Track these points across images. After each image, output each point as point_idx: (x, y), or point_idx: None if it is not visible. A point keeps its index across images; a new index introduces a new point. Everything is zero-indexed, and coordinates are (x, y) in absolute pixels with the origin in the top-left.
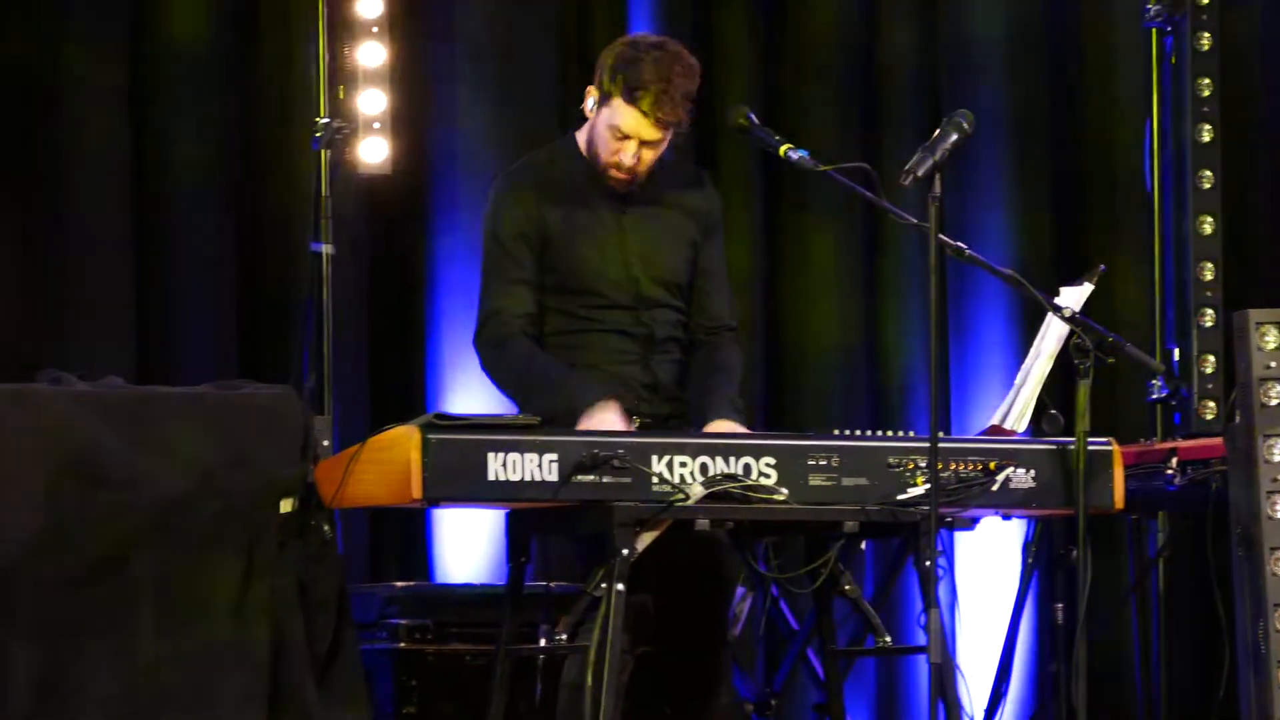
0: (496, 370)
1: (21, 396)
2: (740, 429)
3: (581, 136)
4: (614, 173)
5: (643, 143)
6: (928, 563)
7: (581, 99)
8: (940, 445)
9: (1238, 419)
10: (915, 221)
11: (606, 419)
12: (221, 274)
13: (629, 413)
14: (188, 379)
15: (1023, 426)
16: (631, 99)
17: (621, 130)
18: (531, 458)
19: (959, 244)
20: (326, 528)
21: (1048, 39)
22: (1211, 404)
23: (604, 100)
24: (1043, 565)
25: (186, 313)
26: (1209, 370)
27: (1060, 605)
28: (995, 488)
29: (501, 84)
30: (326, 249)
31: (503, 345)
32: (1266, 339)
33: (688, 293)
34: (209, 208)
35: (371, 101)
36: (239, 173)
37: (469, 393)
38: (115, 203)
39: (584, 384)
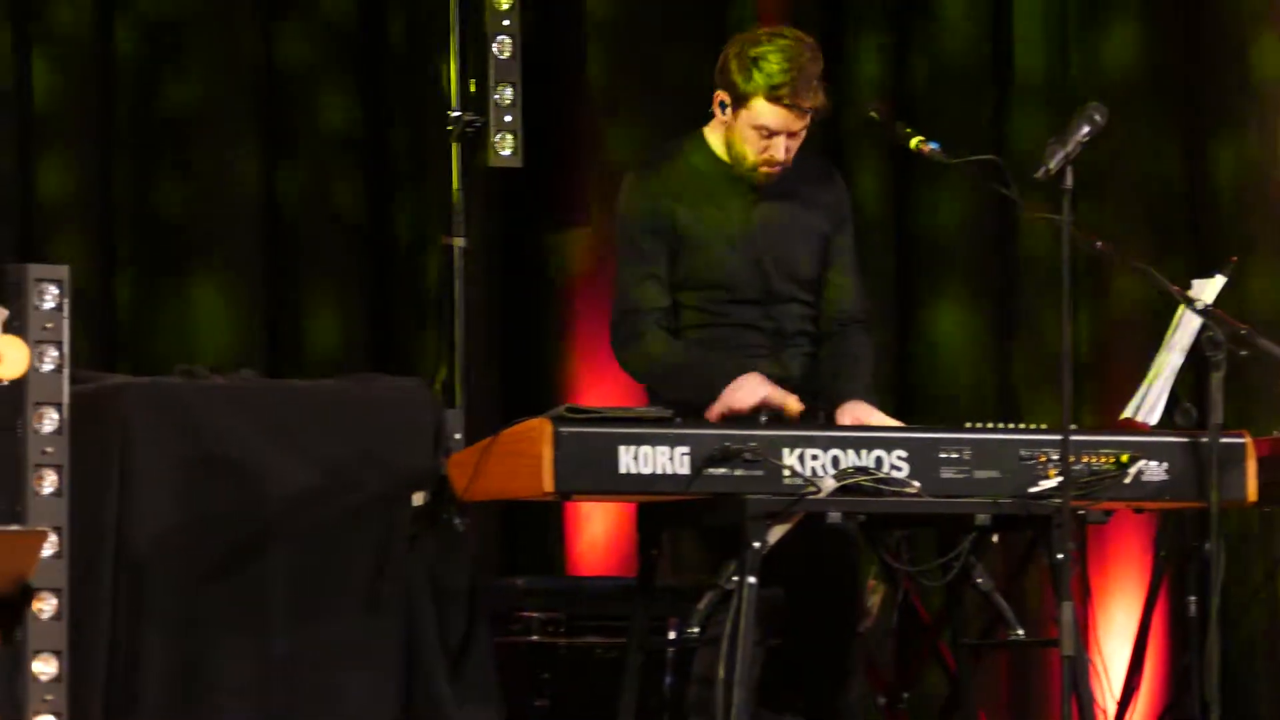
0: (634, 364)
1: (155, 391)
2: (875, 412)
3: (713, 134)
4: (764, 169)
5: (789, 134)
6: (1060, 556)
7: (713, 91)
8: (1073, 438)
9: None
10: (1048, 216)
11: (751, 383)
12: (350, 265)
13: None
14: (320, 373)
15: (1155, 419)
16: (773, 96)
17: (769, 128)
18: (663, 450)
19: (1090, 236)
20: (458, 521)
21: None
22: None
23: (740, 102)
24: (1175, 558)
25: (318, 306)
26: None
27: (1193, 599)
28: (1128, 480)
29: (636, 77)
30: (459, 242)
31: (637, 340)
32: None
33: (818, 286)
34: (341, 202)
35: (503, 95)
36: (370, 166)
37: (600, 386)
38: (244, 199)
39: (724, 361)
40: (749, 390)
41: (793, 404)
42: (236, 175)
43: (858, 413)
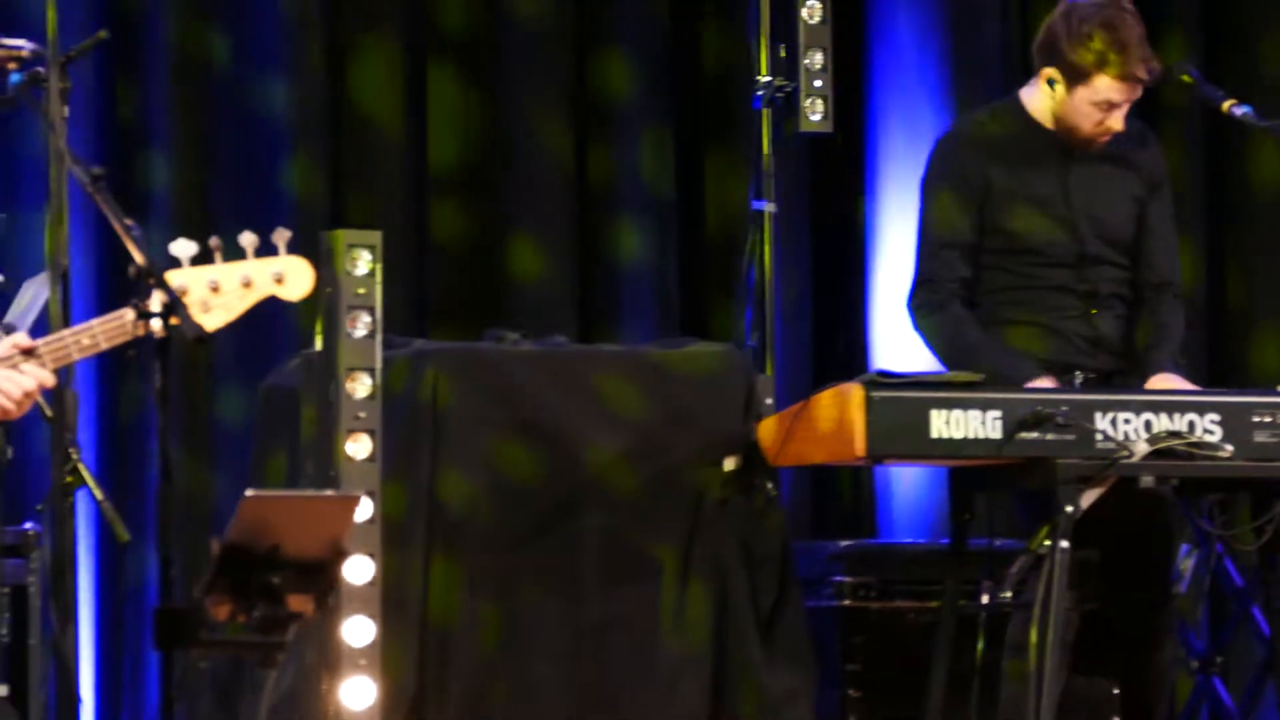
0: (929, 335)
1: (467, 357)
2: (1184, 384)
3: (1030, 99)
4: (1100, 139)
5: (1126, 101)
6: None
7: (1022, 57)
8: None
9: None
10: None
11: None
12: (664, 233)
13: (1070, 369)
14: (631, 337)
15: None
16: (1119, 74)
17: (1111, 101)
18: (975, 415)
19: None
20: (770, 485)
21: None
22: None
23: (1079, 79)
24: None
25: (629, 271)
26: None
27: None
28: None
29: (944, 41)
30: (769, 208)
31: (936, 311)
32: None
33: (1132, 249)
34: (645, 165)
35: (814, 60)
36: (682, 130)
37: (910, 350)
38: (556, 160)
39: (1017, 361)
40: None
41: None
42: (547, 146)
43: (1165, 384)
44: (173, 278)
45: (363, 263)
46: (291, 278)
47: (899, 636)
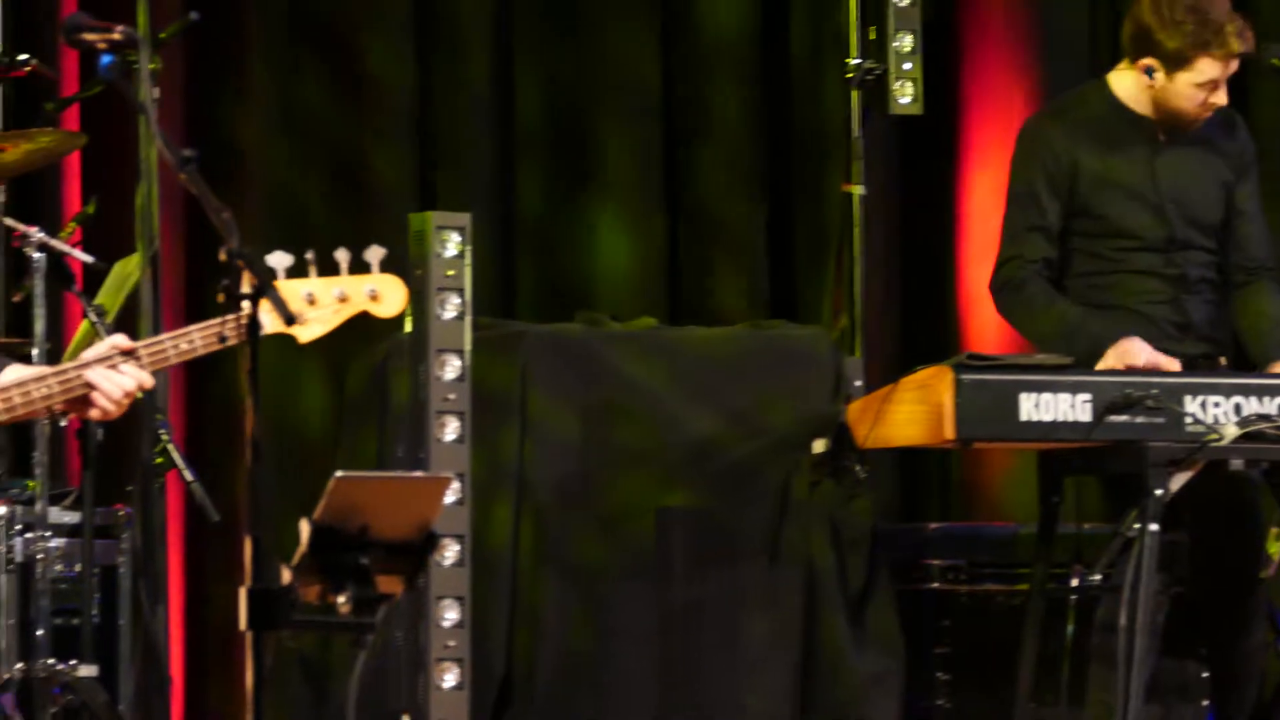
0: (1013, 314)
1: (557, 339)
2: None
3: (1119, 82)
4: (1204, 116)
5: (1226, 75)
6: None
7: (1111, 39)
8: None
9: None
10: None
11: (1132, 348)
12: (754, 215)
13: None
14: (720, 319)
15: None
16: (1221, 52)
17: (1214, 80)
18: (1064, 398)
19: None
20: (859, 468)
21: None
22: None
23: (1179, 64)
24: None
25: (718, 253)
26: None
27: None
28: None
29: (1034, 22)
30: (858, 190)
31: (1017, 289)
32: None
33: (1221, 234)
34: (742, 148)
35: (903, 42)
36: (771, 113)
37: (1000, 333)
38: (646, 145)
39: (1106, 324)
40: (1132, 354)
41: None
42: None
43: None
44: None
45: (452, 244)
46: (386, 296)
47: (988, 619)
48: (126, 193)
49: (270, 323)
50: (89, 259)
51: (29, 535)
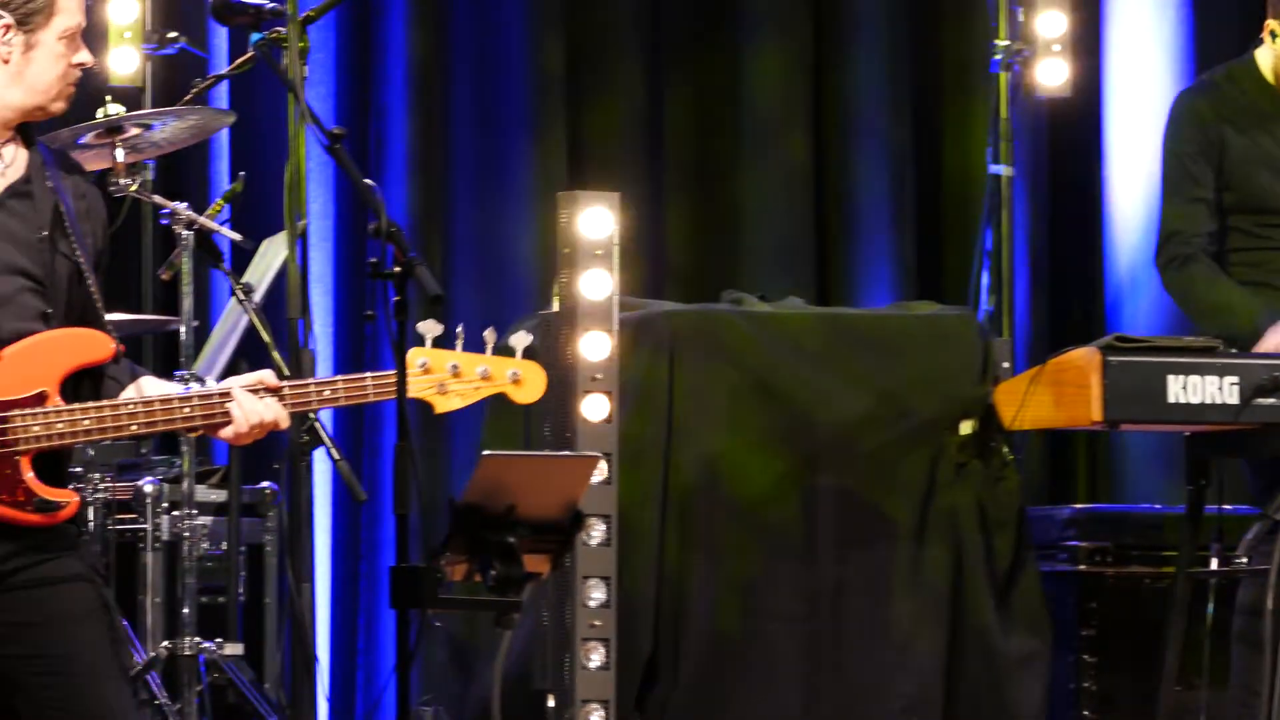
0: (1176, 290)
1: (703, 319)
2: None
3: (1263, 59)
4: None
5: None
6: None
7: (1261, 17)
8: None
9: None
10: None
11: None
12: (901, 196)
13: None
14: (867, 299)
15: None
16: None
17: None
18: (1212, 380)
19: None
20: (1006, 449)
21: None
22: None
23: None
24: None
25: (865, 233)
26: None
27: None
28: None
29: (1179, 3)
30: (1005, 171)
31: (1183, 266)
32: None
33: None
34: (886, 130)
35: (1051, 23)
36: (917, 95)
37: (1147, 314)
38: (795, 128)
39: (1268, 306)
40: None
41: None
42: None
43: None
44: (418, 355)
45: (601, 223)
46: (528, 382)
47: (1134, 601)
48: (274, 170)
49: (415, 387)
50: (237, 237)
51: (176, 513)
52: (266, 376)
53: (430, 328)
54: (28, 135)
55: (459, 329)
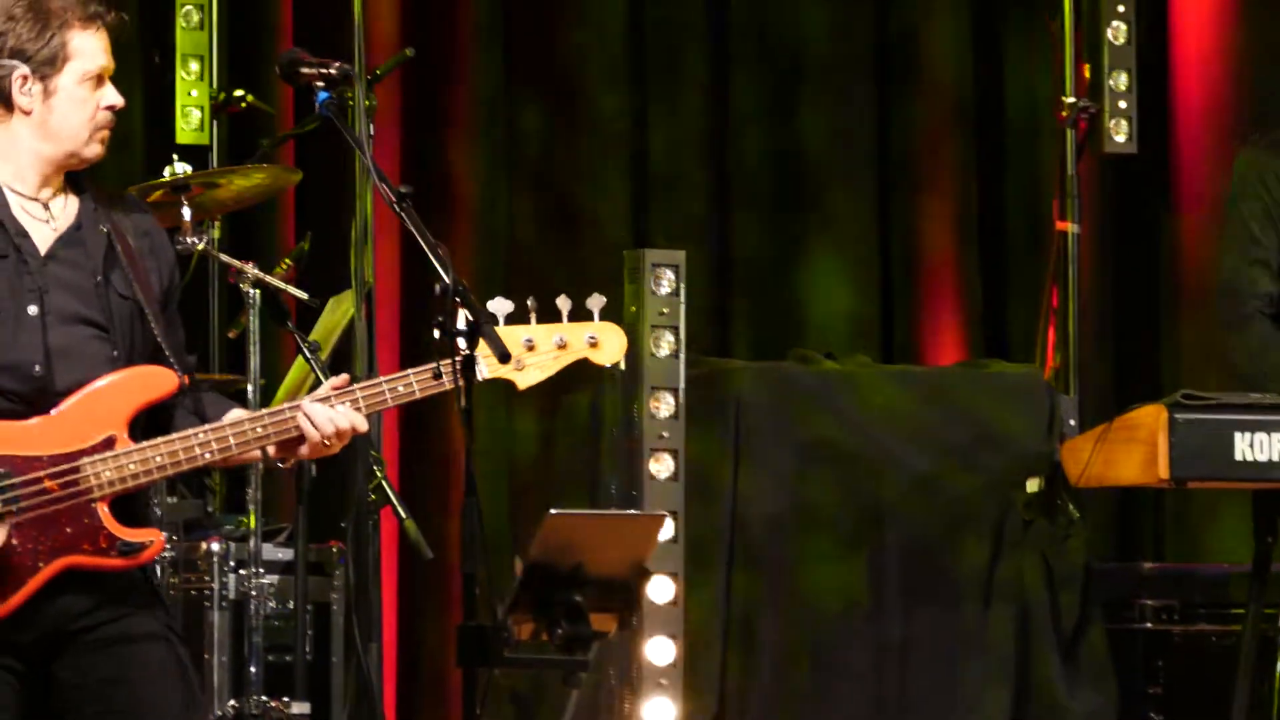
0: (1236, 351)
1: (768, 376)
2: None
3: None
4: None
5: None
6: None
7: None
8: None
9: None
10: None
11: None
12: (965, 252)
13: None
14: (932, 357)
15: None
16: None
17: None
18: (1279, 438)
19: None
20: (1072, 507)
21: None
22: None
23: None
24: None
25: (931, 289)
26: None
27: None
28: None
29: (1247, 57)
30: (1072, 228)
31: (1239, 326)
32: None
33: None
34: (952, 186)
35: (1118, 80)
36: (983, 151)
37: (1214, 371)
38: (859, 186)
39: None
40: None
41: None
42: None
43: None
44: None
45: (666, 282)
46: (606, 343)
47: (1201, 659)
48: (341, 229)
49: (489, 368)
50: (304, 295)
51: (242, 572)
52: (336, 382)
53: (501, 306)
54: (78, 184)
55: (530, 302)
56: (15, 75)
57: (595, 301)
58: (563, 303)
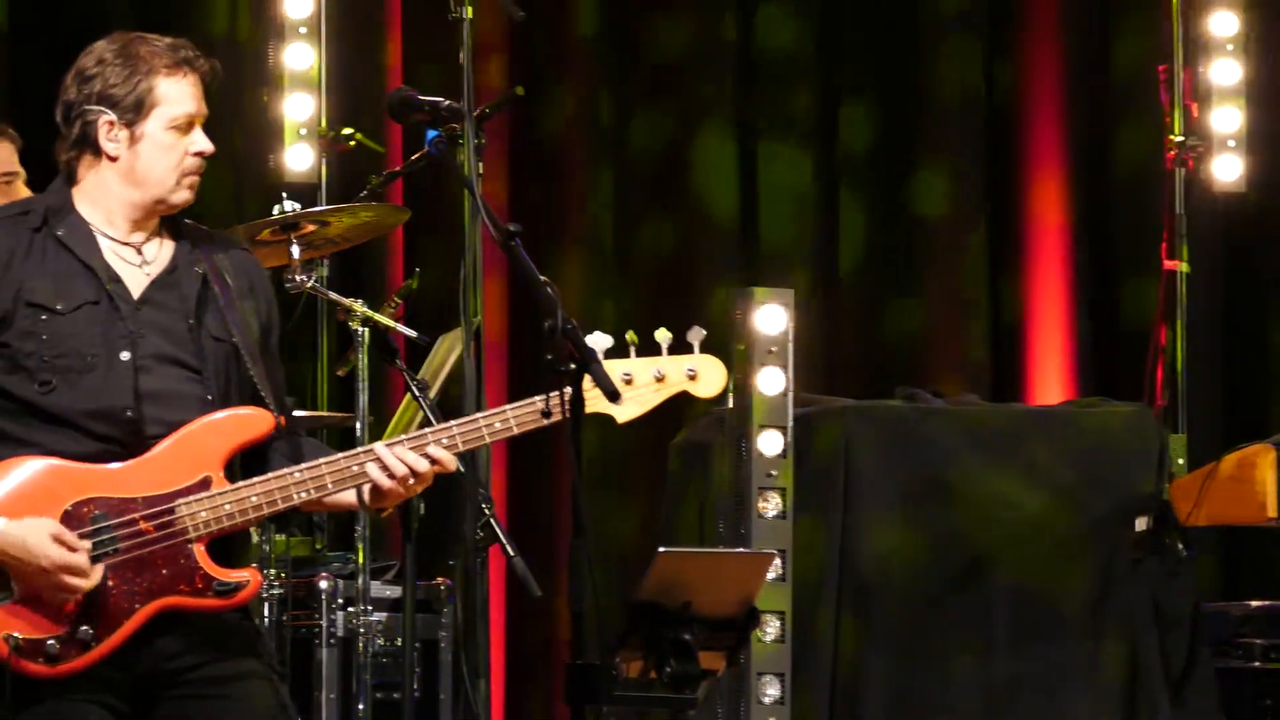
0: None
1: (880, 415)
2: None
3: None
4: None
5: None
6: None
7: None
8: None
9: None
10: None
11: None
12: (1074, 291)
13: None
14: (1042, 396)
15: None
16: None
17: None
18: None
19: None
20: (1181, 545)
21: None
22: None
23: None
24: None
25: (1039, 330)
26: None
27: None
28: None
29: None
30: (1182, 268)
31: None
32: None
33: None
34: (1059, 223)
35: (1227, 119)
36: (1091, 192)
37: None
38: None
39: None
40: None
41: None
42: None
43: None
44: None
45: (776, 319)
46: (705, 376)
47: None
48: (450, 267)
49: (590, 401)
50: (412, 333)
51: (351, 609)
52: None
53: (600, 340)
54: (175, 225)
55: (628, 335)
56: (102, 121)
57: (695, 334)
58: (662, 336)
